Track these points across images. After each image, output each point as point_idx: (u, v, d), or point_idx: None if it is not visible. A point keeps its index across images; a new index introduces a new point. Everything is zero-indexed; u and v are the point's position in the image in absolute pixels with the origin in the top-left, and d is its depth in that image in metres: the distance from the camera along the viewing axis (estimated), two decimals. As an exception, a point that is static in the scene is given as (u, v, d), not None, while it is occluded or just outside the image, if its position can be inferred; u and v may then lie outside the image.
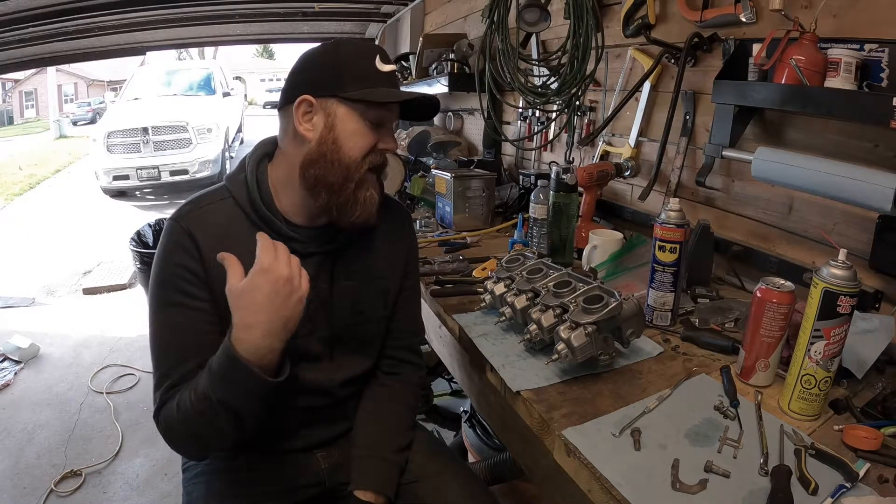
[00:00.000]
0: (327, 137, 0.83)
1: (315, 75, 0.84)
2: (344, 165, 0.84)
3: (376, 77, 0.84)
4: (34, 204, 7.35)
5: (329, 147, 0.83)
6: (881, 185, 0.89)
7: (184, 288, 0.82)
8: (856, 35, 1.00)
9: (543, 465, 0.84)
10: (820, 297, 0.73)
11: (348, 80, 0.82)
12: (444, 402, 2.24)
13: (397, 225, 1.01)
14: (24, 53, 3.31)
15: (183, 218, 0.85)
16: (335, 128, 0.83)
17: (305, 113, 0.83)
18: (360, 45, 0.87)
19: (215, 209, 0.86)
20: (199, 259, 0.82)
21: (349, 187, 0.85)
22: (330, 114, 0.83)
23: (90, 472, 2.04)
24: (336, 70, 0.83)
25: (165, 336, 0.84)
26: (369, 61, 0.84)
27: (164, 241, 0.84)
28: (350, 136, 0.84)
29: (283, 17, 3.66)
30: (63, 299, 3.88)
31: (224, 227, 0.85)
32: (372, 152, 0.86)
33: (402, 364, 1.04)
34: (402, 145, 2.64)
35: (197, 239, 0.83)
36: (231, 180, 0.89)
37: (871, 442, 0.70)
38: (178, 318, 0.83)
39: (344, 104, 0.83)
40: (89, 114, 18.59)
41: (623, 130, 1.70)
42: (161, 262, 0.84)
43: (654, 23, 1.48)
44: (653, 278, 1.05)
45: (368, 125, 0.85)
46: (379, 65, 0.84)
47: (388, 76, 0.85)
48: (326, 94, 0.83)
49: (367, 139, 0.85)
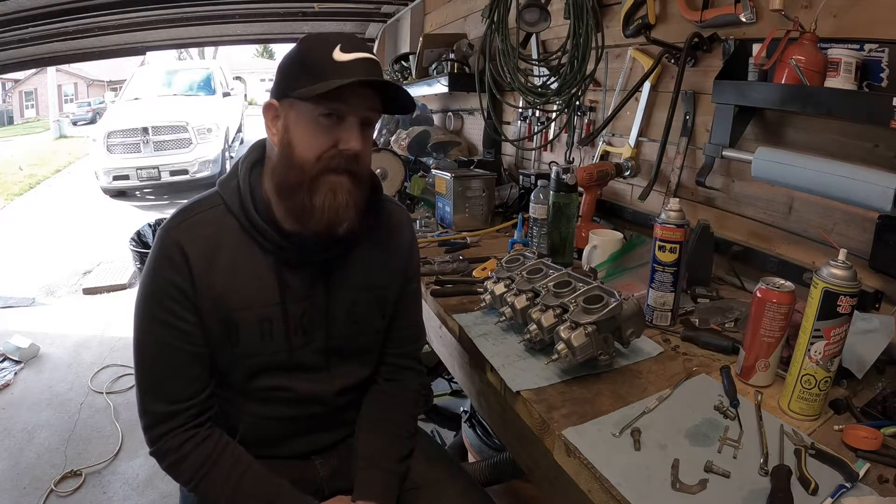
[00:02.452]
0: (284, 139, 0.80)
1: (279, 77, 0.81)
2: (297, 168, 0.79)
3: (332, 69, 0.76)
4: (34, 204, 7.35)
5: (285, 149, 0.80)
6: (881, 185, 0.89)
7: (169, 306, 0.81)
8: (856, 35, 1.00)
9: (543, 465, 0.84)
10: (820, 297, 0.73)
11: (300, 77, 0.77)
12: (444, 402, 2.24)
13: (397, 229, 0.98)
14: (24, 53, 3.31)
15: (173, 229, 0.82)
16: (289, 129, 0.79)
17: (273, 118, 0.81)
18: (322, 38, 0.79)
19: (206, 218, 0.83)
20: (188, 273, 0.80)
21: (300, 192, 0.79)
22: (286, 116, 0.80)
23: (90, 472, 2.04)
24: (292, 68, 0.79)
25: (148, 354, 0.83)
26: (325, 53, 0.76)
27: (154, 252, 0.83)
28: (301, 137, 0.79)
29: (283, 17, 3.66)
30: (63, 299, 3.88)
31: (215, 238, 0.82)
32: (328, 153, 0.79)
33: (402, 371, 1.02)
34: (402, 145, 2.64)
35: (187, 252, 0.80)
36: (223, 186, 0.86)
37: (871, 442, 0.70)
38: (161, 335, 0.82)
39: (295, 104, 0.78)
40: (89, 114, 18.59)
41: (623, 130, 1.69)
42: (149, 273, 0.83)
43: (654, 23, 1.48)
44: (653, 278, 1.05)
45: (323, 123, 0.78)
46: (337, 55, 0.76)
47: (349, 66, 0.76)
48: (282, 95, 0.80)
49: (321, 139, 0.78)
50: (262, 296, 0.85)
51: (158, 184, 6.78)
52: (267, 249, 0.84)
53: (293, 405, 0.92)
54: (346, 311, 0.91)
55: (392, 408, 0.99)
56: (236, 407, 0.90)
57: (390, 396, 1.00)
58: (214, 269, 0.82)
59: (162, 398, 0.83)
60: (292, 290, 0.86)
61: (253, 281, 0.84)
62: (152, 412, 0.83)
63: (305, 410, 0.93)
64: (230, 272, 0.82)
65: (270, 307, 0.85)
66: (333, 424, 0.98)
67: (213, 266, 0.81)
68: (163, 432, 0.83)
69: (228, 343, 0.84)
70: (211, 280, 0.81)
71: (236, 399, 0.90)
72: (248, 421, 0.91)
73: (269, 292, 0.85)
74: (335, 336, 0.91)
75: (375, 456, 0.93)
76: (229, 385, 0.89)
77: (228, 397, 0.90)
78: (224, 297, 0.82)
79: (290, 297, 0.86)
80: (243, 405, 0.90)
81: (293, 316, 0.87)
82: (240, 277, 0.83)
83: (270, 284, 0.85)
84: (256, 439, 0.91)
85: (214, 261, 0.82)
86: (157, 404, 0.83)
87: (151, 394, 0.83)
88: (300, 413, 0.93)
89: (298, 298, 0.87)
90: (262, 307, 0.85)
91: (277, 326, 0.86)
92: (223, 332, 0.83)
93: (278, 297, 0.85)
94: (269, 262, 0.84)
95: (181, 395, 0.83)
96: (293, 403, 0.91)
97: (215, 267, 0.82)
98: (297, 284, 0.86)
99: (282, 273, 0.85)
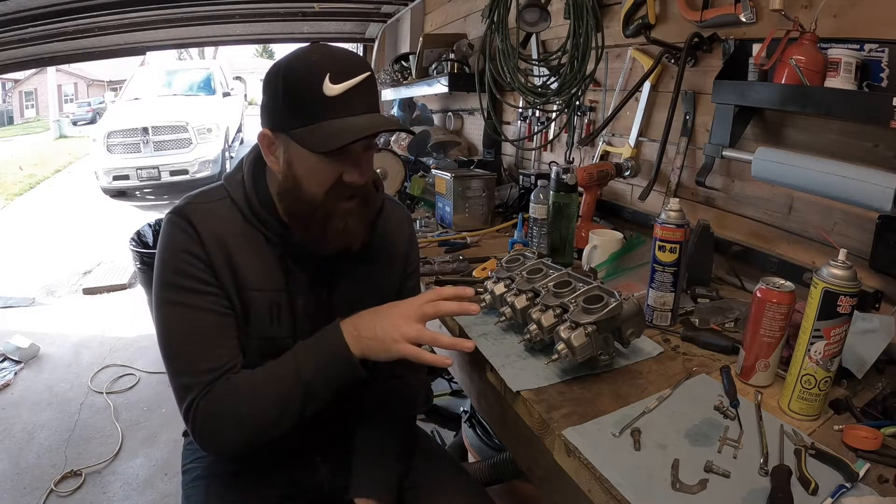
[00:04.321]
0: (288, 174, 0.79)
1: (268, 104, 0.79)
2: (306, 203, 0.80)
3: (323, 106, 0.73)
4: (34, 204, 7.35)
5: (291, 184, 0.80)
6: (881, 185, 0.89)
7: (195, 274, 0.80)
8: (856, 35, 1.00)
9: (543, 465, 0.84)
10: (820, 297, 0.73)
11: (292, 115, 0.75)
12: (444, 402, 2.24)
13: (397, 226, 1.00)
14: (24, 53, 3.31)
15: (182, 210, 0.83)
16: (292, 165, 0.79)
17: (269, 145, 0.80)
18: (308, 64, 0.75)
19: (212, 207, 0.84)
20: (202, 245, 0.80)
21: (315, 221, 0.81)
22: (286, 150, 0.78)
23: (90, 472, 2.04)
24: (282, 101, 0.76)
25: (184, 325, 0.80)
26: (315, 86, 0.73)
27: (166, 232, 0.82)
28: (307, 174, 0.78)
29: (283, 17, 3.66)
30: (63, 299, 3.88)
31: (221, 224, 0.83)
32: (335, 187, 0.79)
33: (401, 367, 1.03)
34: (402, 145, 2.64)
35: (199, 229, 0.81)
36: (228, 180, 0.88)
37: (871, 442, 0.70)
38: (196, 302, 0.80)
39: (294, 141, 0.76)
40: (89, 114, 18.57)
41: (623, 130, 1.70)
42: (166, 251, 0.81)
43: (654, 23, 1.48)
44: (653, 278, 1.05)
45: (326, 160, 0.77)
46: (327, 88, 0.73)
47: (339, 101, 0.74)
48: (278, 129, 0.78)
49: (326, 175, 0.78)
50: (271, 281, 0.85)
51: (158, 184, 6.78)
52: (271, 240, 0.85)
53: None
54: (348, 304, 0.91)
55: (392, 404, 1.00)
56: None
57: (390, 393, 1.01)
58: (225, 249, 0.82)
59: (198, 371, 0.78)
60: (297, 280, 0.87)
61: (260, 267, 0.85)
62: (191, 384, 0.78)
63: None
64: (240, 254, 0.83)
65: (278, 292, 0.86)
66: (333, 420, 0.98)
67: (223, 247, 0.82)
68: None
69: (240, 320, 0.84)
70: (223, 258, 0.82)
71: None
72: None
73: (275, 279, 0.86)
74: None
75: (375, 453, 0.93)
76: None
77: None
78: (237, 274, 0.82)
79: (295, 287, 0.87)
80: None
81: (298, 305, 0.88)
82: (249, 261, 0.84)
83: (277, 273, 0.86)
84: None
85: (224, 243, 0.82)
86: (195, 377, 0.78)
87: (186, 370, 0.79)
88: None
89: (302, 289, 0.88)
90: (272, 291, 0.85)
91: (285, 312, 0.87)
92: (238, 305, 0.83)
93: (284, 285, 0.86)
94: (274, 253, 0.86)
95: (218, 362, 0.79)
96: None
97: (225, 248, 0.82)
98: (301, 277, 0.88)
99: (286, 263, 0.86)
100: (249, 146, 0.91)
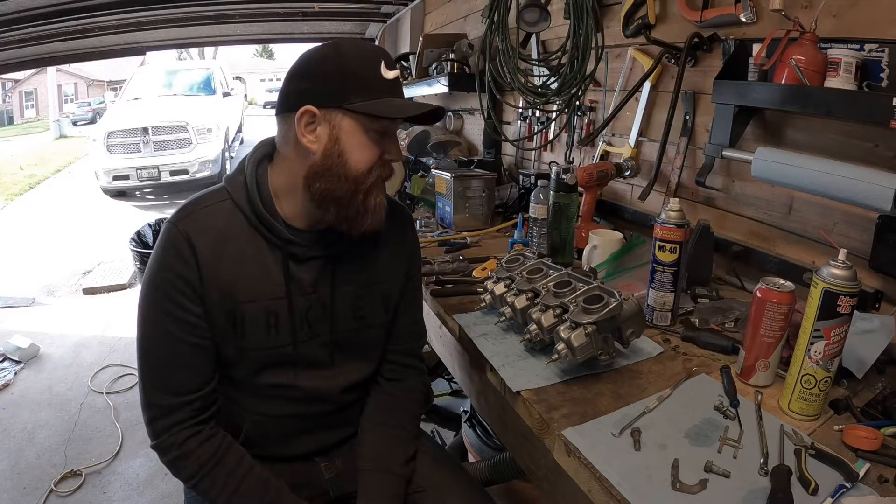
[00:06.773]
0: (332, 150, 0.80)
1: (317, 84, 0.80)
2: (351, 179, 0.82)
3: (381, 86, 0.80)
4: (34, 204, 7.34)
5: (335, 160, 0.81)
6: (881, 185, 0.89)
7: (176, 298, 0.81)
8: (856, 35, 1.00)
9: (543, 465, 0.84)
10: (820, 297, 0.73)
11: (352, 91, 0.79)
12: (444, 402, 2.24)
13: (400, 228, 0.99)
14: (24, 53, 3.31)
15: (181, 221, 0.82)
16: (340, 140, 0.80)
17: (308, 124, 0.80)
18: (364, 50, 0.82)
19: (214, 211, 0.84)
20: (195, 265, 0.81)
21: (358, 199, 0.83)
22: (335, 126, 0.80)
23: (90, 472, 2.04)
24: (339, 79, 0.79)
25: (153, 345, 0.83)
26: (374, 69, 0.80)
27: (161, 244, 0.83)
28: (355, 149, 0.81)
29: (283, 17, 3.66)
30: (63, 299, 3.88)
31: (223, 231, 0.83)
32: (377, 164, 0.84)
33: (404, 369, 1.03)
34: (402, 145, 2.64)
35: (194, 244, 0.81)
36: (230, 182, 0.87)
37: (871, 442, 0.70)
38: (167, 327, 0.82)
39: (349, 116, 0.80)
40: (89, 114, 18.58)
41: (623, 130, 1.69)
42: (156, 266, 0.82)
43: (654, 23, 1.48)
44: (653, 278, 1.05)
45: (373, 137, 0.82)
46: (384, 72, 0.80)
47: (393, 84, 0.82)
48: (330, 105, 0.79)
49: (373, 151, 0.83)
50: (269, 289, 0.85)
51: (158, 184, 6.78)
52: (273, 243, 0.85)
53: (298, 403, 0.92)
54: (351, 306, 0.92)
55: (395, 408, 0.99)
56: (241, 405, 0.91)
57: (393, 397, 1.00)
58: (222, 259, 0.82)
59: (166, 390, 0.83)
60: (298, 283, 0.87)
61: (260, 274, 0.84)
62: (156, 405, 0.83)
63: (310, 408, 0.93)
64: (238, 264, 0.83)
65: (276, 300, 0.86)
66: (338, 423, 0.98)
67: (220, 257, 0.82)
68: (166, 426, 0.83)
69: (235, 335, 0.84)
70: (218, 271, 0.82)
71: (241, 397, 0.90)
72: (253, 420, 0.91)
73: (275, 286, 0.85)
74: (339, 330, 0.92)
75: (381, 458, 0.93)
76: (234, 383, 0.89)
77: (233, 396, 0.90)
78: (231, 288, 0.83)
79: (296, 290, 0.87)
80: (248, 404, 0.91)
81: (299, 310, 0.87)
82: (247, 269, 0.84)
83: (277, 278, 0.85)
84: (261, 438, 0.91)
85: (222, 252, 0.82)
86: (161, 396, 0.83)
87: (155, 386, 0.83)
88: (305, 411, 0.93)
89: (304, 292, 0.88)
90: (268, 300, 0.85)
91: (283, 320, 0.87)
92: (230, 323, 0.84)
93: (284, 290, 0.86)
94: (275, 256, 0.85)
95: (185, 388, 0.83)
96: (298, 401, 0.91)
97: (223, 258, 0.82)
98: (303, 278, 0.87)
99: (288, 267, 0.86)
100: (249, 146, 0.91)
